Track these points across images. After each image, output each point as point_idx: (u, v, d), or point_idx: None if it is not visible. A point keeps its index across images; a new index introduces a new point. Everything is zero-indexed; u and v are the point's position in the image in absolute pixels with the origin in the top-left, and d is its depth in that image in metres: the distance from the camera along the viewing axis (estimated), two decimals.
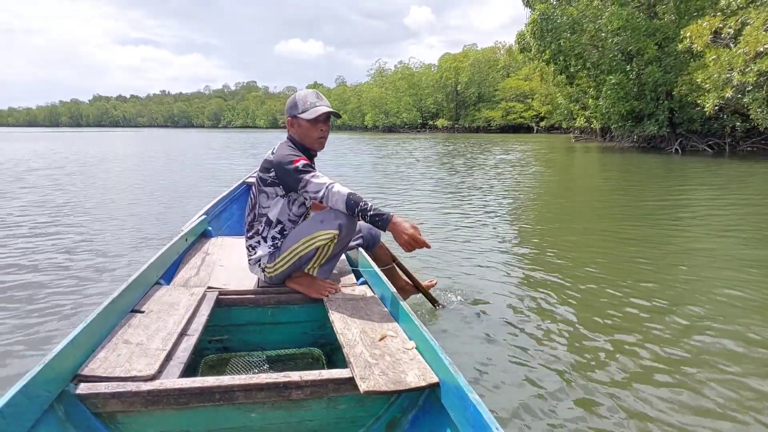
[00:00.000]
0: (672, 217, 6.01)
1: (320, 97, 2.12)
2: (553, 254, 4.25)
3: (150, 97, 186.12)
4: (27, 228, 5.23)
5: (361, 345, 1.54)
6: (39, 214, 6.04)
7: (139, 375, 1.32)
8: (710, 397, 2.01)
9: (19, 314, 2.85)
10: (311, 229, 1.99)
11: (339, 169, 12.58)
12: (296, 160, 2.01)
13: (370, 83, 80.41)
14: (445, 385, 1.31)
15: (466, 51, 67.73)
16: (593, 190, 9.11)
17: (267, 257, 2.09)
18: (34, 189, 8.29)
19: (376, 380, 1.33)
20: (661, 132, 19.95)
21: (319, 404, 1.40)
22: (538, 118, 53.57)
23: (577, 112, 28.80)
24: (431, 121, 69.51)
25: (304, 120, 2.08)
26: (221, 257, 2.54)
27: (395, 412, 1.47)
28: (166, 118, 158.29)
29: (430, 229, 5.18)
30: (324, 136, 2.14)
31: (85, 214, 6.01)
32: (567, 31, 20.38)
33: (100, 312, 1.52)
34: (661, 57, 18.79)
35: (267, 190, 2.10)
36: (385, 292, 1.92)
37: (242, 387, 1.32)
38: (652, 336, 2.59)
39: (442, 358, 1.35)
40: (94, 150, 21.26)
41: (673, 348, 2.45)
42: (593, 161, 16.25)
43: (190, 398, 1.29)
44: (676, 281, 3.51)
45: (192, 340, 1.60)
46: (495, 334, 2.63)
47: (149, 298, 1.87)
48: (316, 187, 1.93)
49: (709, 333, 2.62)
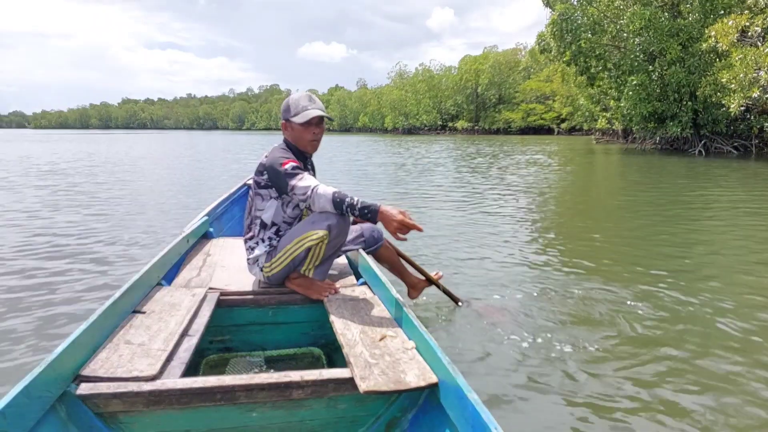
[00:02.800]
0: (695, 218, 5.87)
1: (313, 101, 2.14)
2: (568, 257, 4.19)
3: (176, 100, 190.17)
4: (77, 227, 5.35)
5: (361, 345, 1.56)
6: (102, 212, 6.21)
7: (140, 375, 1.34)
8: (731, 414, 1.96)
9: (22, 314, 2.86)
10: (303, 230, 2.02)
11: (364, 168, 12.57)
12: (285, 162, 2.02)
13: (390, 86, 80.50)
14: (445, 385, 1.32)
15: (486, 53, 67.27)
16: (614, 192, 8.95)
17: (264, 257, 2.11)
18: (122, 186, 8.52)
19: (376, 380, 1.35)
20: (685, 133, 19.49)
21: (320, 404, 1.42)
22: (559, 119, 52.87)
23: (598, 113, 28.32)
24: (451, 122, 69.18)
25: (297, 123, 2.10)
26: (222, 258, 2.55)
27: (395, 411, 1.48)
28: (191, 120, 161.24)
29: (445, 227, 5.17)
30: (317, 138, 2.16)
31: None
32: (587, 31, 20.10)
33: (102, 312, 1.53)
34: (685, 57, 18.35)
35: (261, 193, 2.13)
36: (385, 293, 1.93)
37: (243, 387, 1.33)
38: (661, 338, 2.55)
39: (441, 358, 1.36)
40: (145, 150, 21.63)
41: (676, 350, 2.41)
42: (614, 163, 15.96)
43: (191, 398, 1.31)
44: (692, 286, 3.42)
45: (193, 340, 1.61)
46: (495, 333, 2.63)
47: (151, 299, 1.89)
48: (302, 190, 1.94)
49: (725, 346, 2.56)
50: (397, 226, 1.80)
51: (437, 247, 4.51)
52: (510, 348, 2.47)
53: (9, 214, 6.17)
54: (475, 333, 2.64)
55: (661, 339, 2.58)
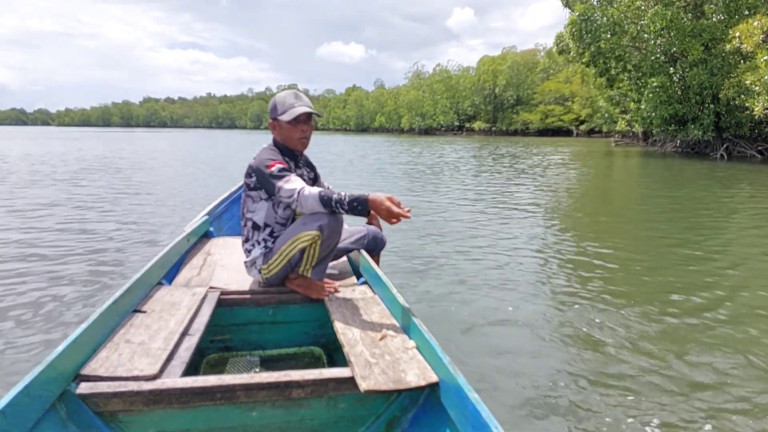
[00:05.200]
0: (721, 227, 5.71)
1: (299, 98, 2.11)
2: (579, 262, 4.15)
3: (196, 99, 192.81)
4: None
5: (361, 344, 1.56)
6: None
7: (141, 374, 1.33)
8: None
9: (22, 314, 2.85)
10: (295, 232, 2.00)
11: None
12: (271, 164, 1.99)
13: (407, 86, 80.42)
14: (445, 384, 1.32)
15: (504, 53, 66.77)
16: (634, 198, 8.80)
17: (261, 259, 2.10)
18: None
19: (376, 379, 1.34)
20: (706, 137, 19.09)
21: (320, 403, 1.42)
22: (577, 121, 52.21)
23: (618, 115, 27.89)
24: (468, 123, 68.83)
25: (285, 121, 2.08)
26: (223, 257, 2.55)
27: (395, 411, 1.48)
28: (210, 119, 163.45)
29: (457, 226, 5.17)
30: (305, 136, 2.14)
31: None
32: (607, 32, 19.80)
33: (102, 312, 1.52)
34: (708, 58, 17.97)
35: (252, 195, 2.11)
36: (386, 293, 1.92)
37: (243, 386, 1.33)
38: (667, 341, 2.51)
39: (441, 357, 1.35)
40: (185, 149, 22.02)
41: (682, 355, 2.37)
42: (633, 167, 15.69)
43: (191, 397, 1.30)
44: (711, 296, 3.33)
45: (194, 339, 1.61)
46: (496, 333, 2.62)
47: (151, 298, 1.88)
48: (288, 193, 1.92)
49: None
50: (385, 214, 1.76)
51: (447, 245, 4.51)
52: (510, 348, 2.46)
53: (15, 213, 6.14)
54: (476, 333, 2.62)
55: (663, 338, 2.54)
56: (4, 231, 5.10)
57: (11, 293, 3.19)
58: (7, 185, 8.86)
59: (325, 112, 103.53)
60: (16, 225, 5.41)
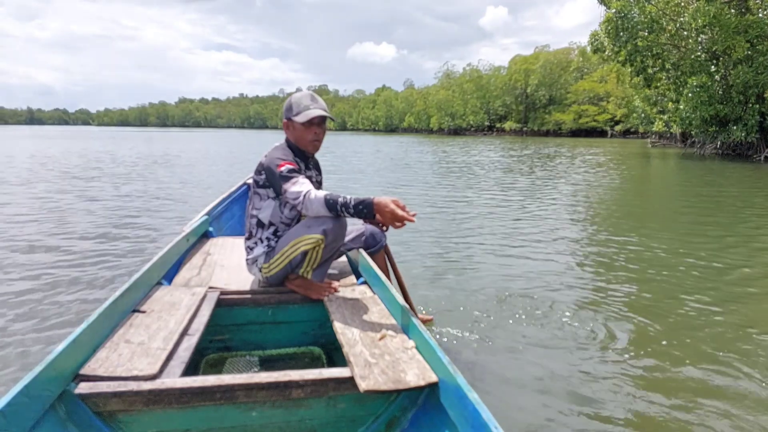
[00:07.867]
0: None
1: (315, 100, 2.10)
2: (607, 272, 4.04)
3: (229, 100, 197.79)
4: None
5: (360, 344, 1.55)
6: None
7: (140, 374, 1.33)
8: None
9: (22, 313, 2.84)
10: (299, 233, 1.99)
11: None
12: (281, 164, 1.99)
13: (437, 86, 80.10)
14: (445, 385, 1.32)
15: (537, 53, 65.69)
16: (673, 206, 8.43)
17: (263, 257, 2.10)
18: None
19: (376, 379, 1.34)
20: (750, 138, 18.26)
21: (319, 403, 1.41)
22: (612, 121, 50.93)
23: (655, 116, 27.01)
24: (498, 123, 68.12)
25: (298, 123, 2.07)
26: (222, 257, 2.55)
27: (395, 411, 1.47)
28: (242, 119, 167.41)
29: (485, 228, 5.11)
30: (318, 139, 2.13)
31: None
32: (645, 29, 19.17)
33: (102, 312, 1.53)
34: (753, 56, 17.15)
35: (260, 192, 2.12)
36: (385, 293, 1.92)
37: (243, 386, 1.33)
38: (673, 346, 2.40)
39: (441, 357, 1.35)
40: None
41: (686, 360, 2.25)
42: (671, 170, 15.10)
43: (191, 397, 1.30)
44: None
45: (193, 339, 1.61)
46: (496, 332, 2.61)
47: (150, 298, 1.89)
48: (294, 195, 1.91)
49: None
50: (390, 218, 1.73)
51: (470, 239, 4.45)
52: (511, 349, 2.43)
53: (23, 212, 6.12)
54: (477, 334, 2.60)
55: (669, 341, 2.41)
56: (4, 231, 5.03)
57: (11, 293, 3.18)
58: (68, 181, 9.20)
59: (355, 112, 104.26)
60: (28, 227, 5.25)
